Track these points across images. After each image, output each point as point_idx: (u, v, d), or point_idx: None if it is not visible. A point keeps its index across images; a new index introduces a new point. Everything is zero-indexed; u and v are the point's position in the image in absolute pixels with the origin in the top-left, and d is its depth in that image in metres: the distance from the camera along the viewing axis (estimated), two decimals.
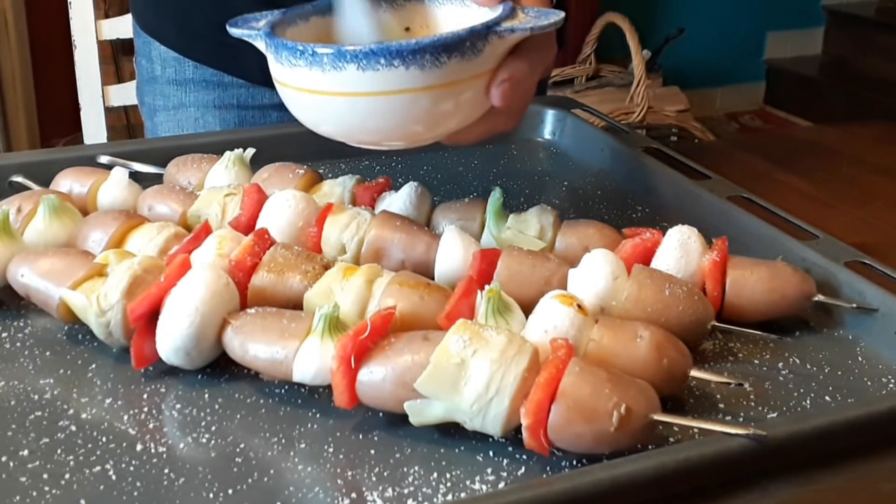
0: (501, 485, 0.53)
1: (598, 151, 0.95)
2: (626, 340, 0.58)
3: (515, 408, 0.53)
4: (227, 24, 0.69)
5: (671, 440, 0.56)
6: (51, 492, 0.52)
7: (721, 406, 0.59)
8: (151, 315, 0.61)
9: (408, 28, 0.74)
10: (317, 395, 0.60)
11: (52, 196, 0.72)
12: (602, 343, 0.58)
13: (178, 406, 0.59)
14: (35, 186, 0.80)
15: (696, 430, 0.55)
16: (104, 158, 0.87)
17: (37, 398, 0.59)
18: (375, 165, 0.93)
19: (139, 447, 0.55)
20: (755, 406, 0.60)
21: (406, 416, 0.55)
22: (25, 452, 0.54)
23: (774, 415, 0.59)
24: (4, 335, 0.66)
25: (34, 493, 0.51)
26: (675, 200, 0.85)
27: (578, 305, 0.58)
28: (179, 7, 1.01)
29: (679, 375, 0.58)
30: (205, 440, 0.56)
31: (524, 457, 0.55)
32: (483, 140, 0.69)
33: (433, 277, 0.69)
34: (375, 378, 0.55)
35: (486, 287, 0.60)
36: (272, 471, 0.53)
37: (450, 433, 0.56)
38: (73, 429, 0.56)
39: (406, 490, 0.52)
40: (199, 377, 0.61)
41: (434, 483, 0.53)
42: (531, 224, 0.72)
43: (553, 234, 0.72)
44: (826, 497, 0.54)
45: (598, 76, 2.96)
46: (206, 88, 1.03)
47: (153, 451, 0.55)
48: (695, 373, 0.58)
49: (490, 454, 0.55)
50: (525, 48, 0.64)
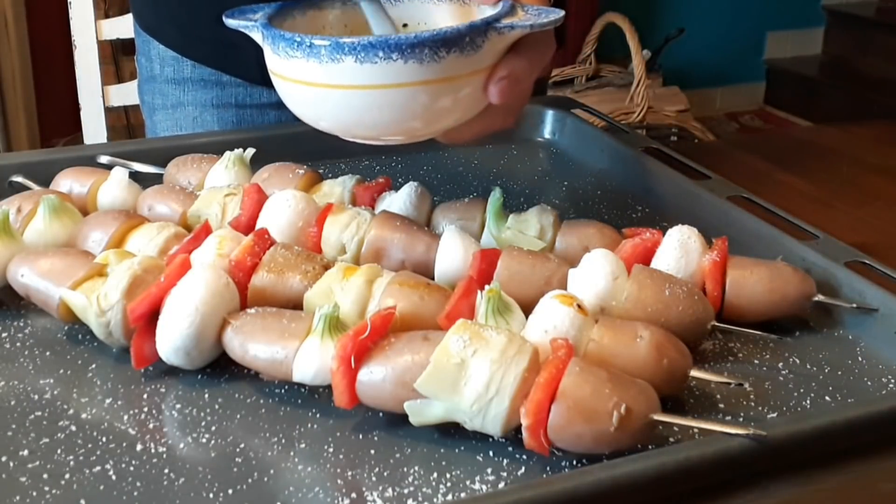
0: (501, 485, 0.53)
1: (598, 151, 0.95)
2: (626, 340, 0.58)
3: (515, 408, 0.53)
4: (224, 16, 0.69)
5: (671, 440, 0.56)
6: (51, 492, 0.52)
7: (721, 406, 0.59)
8: (151, 315, 0.61)
9: (405, 24, 0.74)
10: (317, 395, 0.60)
11: (52, 196, 0.72)
12: (602, 343, 0.58)
13: (178, 406, 0.59)
14: (35, 186, 0.80)
15: (696, 430, 0.55)
16: (104, 158, 0.87)
17: (37, 398, 0.59)
18: (375, 165, 0.93)
19: (139, 447, 0.55)
20: (755, 406, 0.59)
21: (406, 416, 0.55)
22: (25, 452, 0.54)
23: (774, 415, 0.59)
24: (4, 335, 0.66)
25: (34, 493, 0.51)
26: (675, 200, 0.85)
27: (578, 305, 0.58)
28: (178, 6, 1.01)
29: (679, 375, 0.58)
30: (205, 440, 0.56)
31: (524, 457, 0.54)
32: (481, 137, 0.69)
33: (433, 277, 0.69)
34: (375, 378, 0.55)
35: (486, 287, 0.60)
36: (272, 471, 0.53)
37: (450, 433, 0.56)
38: (73, 429, 0.56)
39: (406, 490, 0.52)
40: (199, 377, 0.61)
41: (434, 483, 0.53)
42: (531, 224, 0.72)
43: (553, 234, 0.72)
44: (826, 497, 0.54)
45: (598, 76, 2.96)
46: (205, 87, 1.03)
47: (153, 451, 0.55)
48: (695, 373, 0.58)
49: (490, 454, 0.55)
50: (524, 45, 0.64)
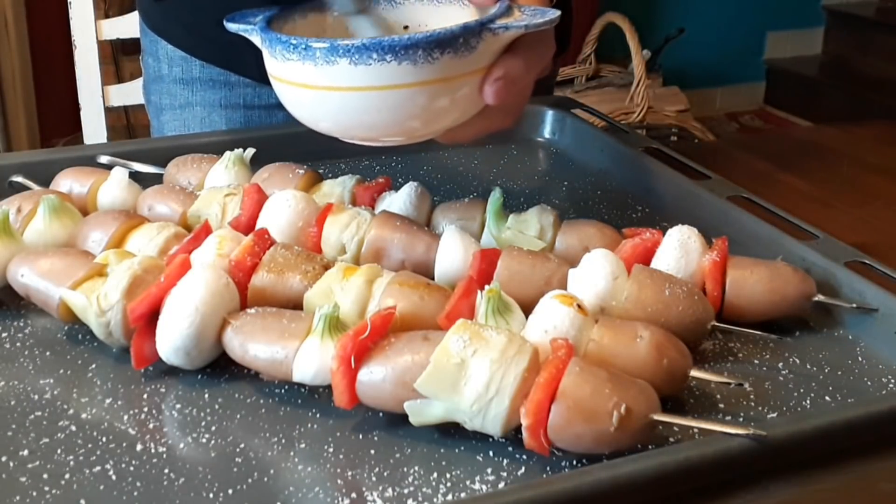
0: (501, 485, 0.53)
1: (598, 151, 0.95)
2: (626, 340, 0.58)
3: (515, 408, 0.53)
4: (225, 20, 0.69)
5: (671, 440, 0.56)
6: (51, 492, 0.52)
7: (721, 406, 0.59)
8: (151, 315, 0.61)
9: (406, 26, 0.74)
10: (317, 395, 0.60)
11: (52, 196, 0.72)
12: (602, 343, 0.58)
13: (178, 406, 0.59)
14: (35, 186, 0.80)
15: (696, 430, 0.55)
16: (104, 158, 0.87)
17: (37, 398, 0.59)
18: (375, 165, 0.93)
19: (139, 447, 0.55)
20: (755, 406, 0.59)
21: (406, 416, 0.55)
22: (25, 452, 0.54)
23: (774, 415, 0.59)
24: (4, 335, 0.66)
25: (34, 493, 0.51)
26: (675, 200, 0.85)
27: (578, 305, 0.58)
28: (186, 6, 1.01)
29: (679, 375, 0.58)
30: (205, 440, 0.56)
31: (524, 457, 0.54)
32: (480, 138, 0.69)
33: (433, 277, 0.69)
34: (375, 378, 0.55)
35: (486, 287, 0.60)
36: (272, 471, 0.53)
37: (450, 433, 0.56)
38: (73, 429, 0.56)
39: (406, 490, 0.52)
40: (199, 377, 0.61)
41: (434, 483, 0.53)
42: (531, 224, 0.72)
43: (553, 234, 0.72)
44: (826, 497, 0.54)
45: (598, 76, 2.96)
46: (213, 88, 1.03)
47: (153, 451, 0.55)
48: (695, 373, 0.58)
49: (490, 454, 0.55)
50: (521, 46, 0.64)
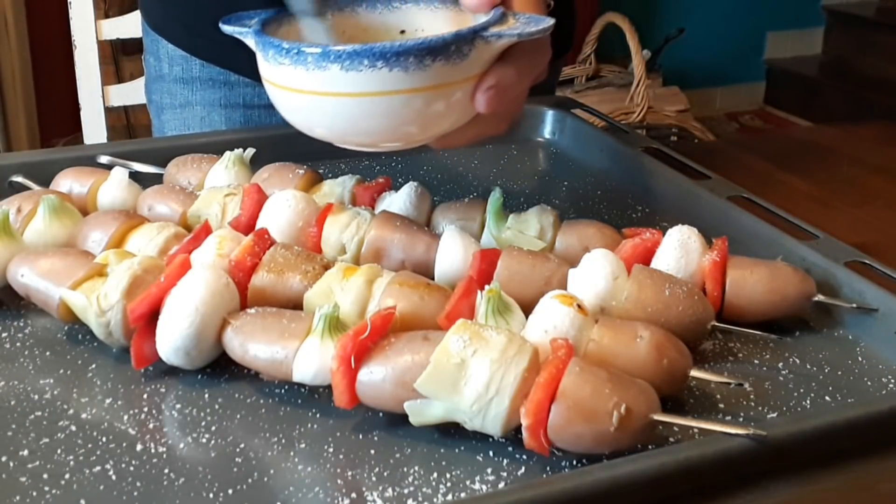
0: (501, 485, 0.53)
1: (598, 151, 0.95)
2: (626, 340, 0.58)
3: (515, 408, 0.53)
4: (220, 22, 0.69)
5: (671, 440, 0.56)
6: (51, 492, 0.52)
7: (721, 406, 0.59)
8: (151, 315, 0.61)
9: (403, 31, 0.74)
10: (317, 395, 0.60)
11: (52, 196, 0.72)
12: (602, 343, 0.58)
13: (178, 406, 0.59)
14: (35, 186, 0.80)
15: (696, 430, 0.55)
16: (104, 158, 0.87)
17: (37, 398, 0.59)
18: (375, 165, 0.93)
19: (139, 447, 0.55)
20: (755, 406, 0.59)
21: (406, 416, 0.55)
22: (25, 452, 0.54)
23: (774, 415, 0.59)
24: (4, 335, 0.66)
25: (34, 493, 0.51)
26: (675, 200, 0.85)
27: (578, 305, 0.58)
28: (187, 5, 1.01)
29: (679, 375, 0.58)
30: (205, 440, 0.56)
31: (524, 457, 0.54)
32: (474, 143, 0.69)
33: (433, 277, 0.69)
34: (375, 378, 0.55)
35: (486, 287, 0.60)
36: (272, 471, 0.53)
37: (450, 433, 0.56)
38: (73, 429, 0.56)
39: (406, 490, 0.52)
40: (199, 377, 0.61)
41: (434, 483, 0.53)
42: (531, 224, 0.72)
43: (553, 234, 0.72)
44: (826, 497, 0.54)
45: (598, 76, 2.97)
46: (213, 87, 1.03)
47: (153, 451, 0.55)
48: (695, 373, 0.58)
49: (490, 454, 0.55)
50: (514, 54, 0.63)
